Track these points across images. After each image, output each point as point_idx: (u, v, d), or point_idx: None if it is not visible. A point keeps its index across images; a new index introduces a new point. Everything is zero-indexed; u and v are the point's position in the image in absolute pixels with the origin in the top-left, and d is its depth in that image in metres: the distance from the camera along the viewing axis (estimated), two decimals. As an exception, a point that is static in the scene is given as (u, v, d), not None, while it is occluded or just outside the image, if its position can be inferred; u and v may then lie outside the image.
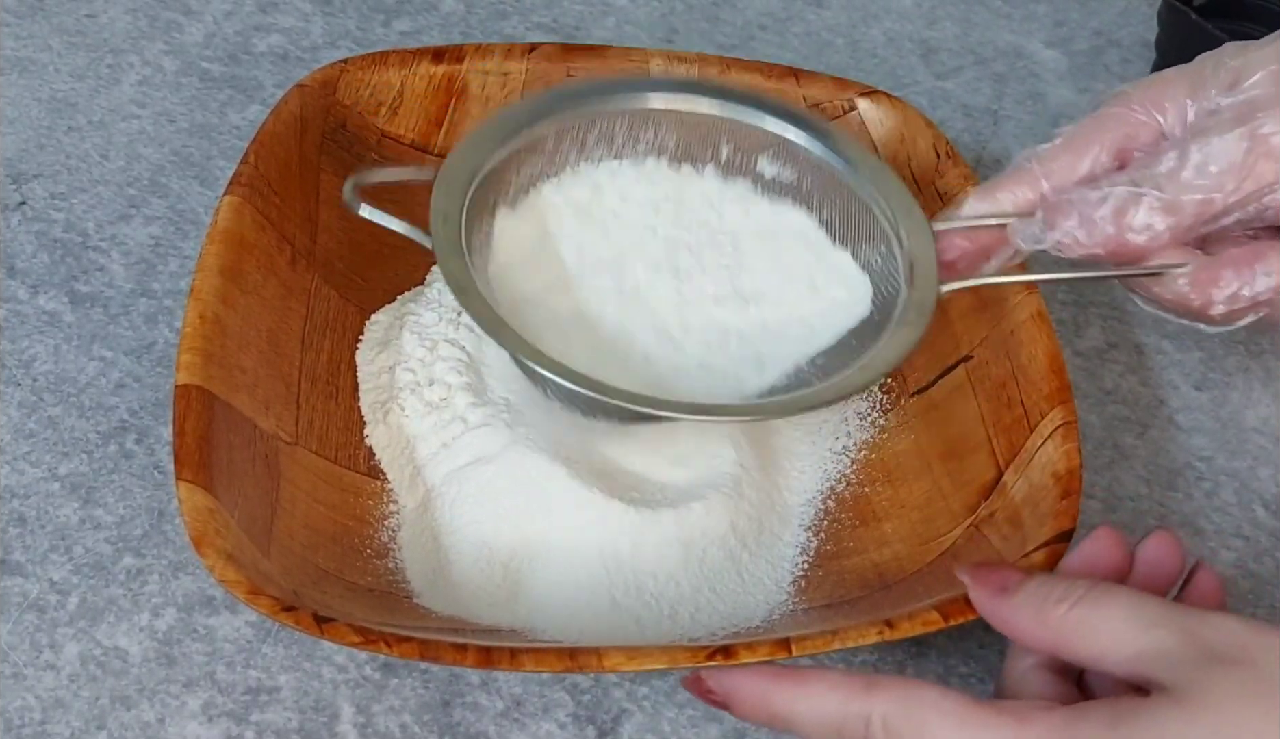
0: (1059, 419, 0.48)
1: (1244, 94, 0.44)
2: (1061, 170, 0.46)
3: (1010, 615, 0.40)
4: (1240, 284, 0.44)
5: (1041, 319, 0.51)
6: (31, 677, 0.46)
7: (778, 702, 0.40)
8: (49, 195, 0.61)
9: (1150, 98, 0.46)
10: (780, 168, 0.51)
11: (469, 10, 0.73)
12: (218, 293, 0.49)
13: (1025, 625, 0.39)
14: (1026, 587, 0.40)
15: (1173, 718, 0.35)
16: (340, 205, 0.46)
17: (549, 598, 0.47)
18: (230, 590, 0.41)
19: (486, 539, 0.49)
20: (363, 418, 0.53)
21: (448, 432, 0.51)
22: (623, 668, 0.41)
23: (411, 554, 0.49)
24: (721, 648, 0.41)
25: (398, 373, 0.53)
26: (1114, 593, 0.38)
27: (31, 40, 0.68)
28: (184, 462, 0.44)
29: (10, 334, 0.56)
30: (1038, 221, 0.46)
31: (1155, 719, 0.36)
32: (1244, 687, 0.35)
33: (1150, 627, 0.37)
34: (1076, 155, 0.46)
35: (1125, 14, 0.78)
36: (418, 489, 0.51)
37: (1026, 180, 0.47)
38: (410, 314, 0.55)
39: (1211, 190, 0.43)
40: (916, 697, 0.38)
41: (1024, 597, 0.40)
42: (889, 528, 0.51)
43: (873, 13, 0.77)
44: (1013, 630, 0.40)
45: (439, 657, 0.41)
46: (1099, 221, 0.44)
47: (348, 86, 0.58)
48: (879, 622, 0.42)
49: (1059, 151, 0.47)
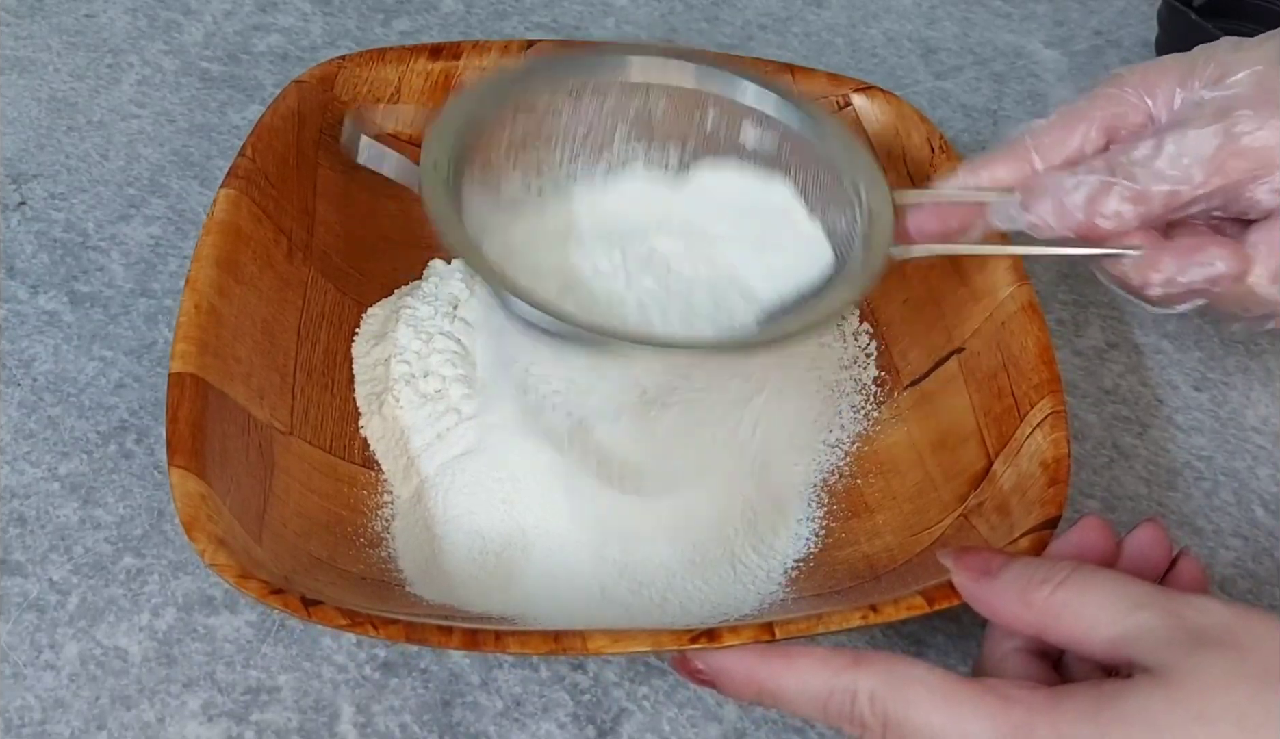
0: (1048, 409, 0.48)
1: (1227, 90, 0.45)
2: (1052, 145, 0.47)
3: (993, 598, 0.40)
4: (1177, 272, 0.45)
5: (1033, 310, 0.51)
6: (31, 677, 0.46)
7: (765, 678, 0.40)
8: (49, 195, 0.61)
9: (1143, 82, 0.47)
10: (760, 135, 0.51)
11: (469, 10, 0.73)
12: (213, 284, 0.49)
13: (1008, 608, 0.40)
14: (1010, 569, 0.40)
15: (1157, 699, 0.35)
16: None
17: (540, 587, 0.47)
18: (220, 574, 0.42)
19: (479, 529, 0.49)
20: (358, 409, 0.53)
21: (442, 423, 0.52)
22: (607, 651, 0.41)
23: (404, 543, 0.50)
24: (706, 631, 0.42)
25: (393, 365, 0.53)
26: (1098, 575, 0.39)
27: (31, 40, 0.68)
28: (176, 448, 0.44)
29: (10, 334, 0.56)
30: (1014, 203, 0.47)
31: (1139, 700, 0.35)
32: (1229, 668, 0.35)
33: (1135, 609, 0.37)
34: (1067, 132, 0.47)
35: (1125, 14, 0.78)
36: (411, 479, 0.51)
37: (1018, 153, 0.48)
38: (406, 307, 0.55)
39: (1180, 182, 0.44)
40: (903, 672, 0.38)
41: (1007, 579, 0.40)
42: (880, 519, 0.51)
43: (873, 12, 0.77)
44: (996, 613, 0.40)
45: (425, 639, 0.41)
46: (1071, 208, 0.45)
47: (345, 82, 0.58)
48: (863, 606, 0.43)
49: (1051, 127, 0.48)
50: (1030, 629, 0.40)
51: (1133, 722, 0.35)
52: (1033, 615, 0.39)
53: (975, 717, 0.37)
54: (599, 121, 0.51)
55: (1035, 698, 0.37)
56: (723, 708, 0.47)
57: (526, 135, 0.50)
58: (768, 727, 0.47)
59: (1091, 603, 0.38)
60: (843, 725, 0.39)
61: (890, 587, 0.47)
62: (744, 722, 0.47)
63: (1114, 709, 0.36)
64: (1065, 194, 0.45)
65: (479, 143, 0.49)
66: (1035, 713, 0.36)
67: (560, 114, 0.50)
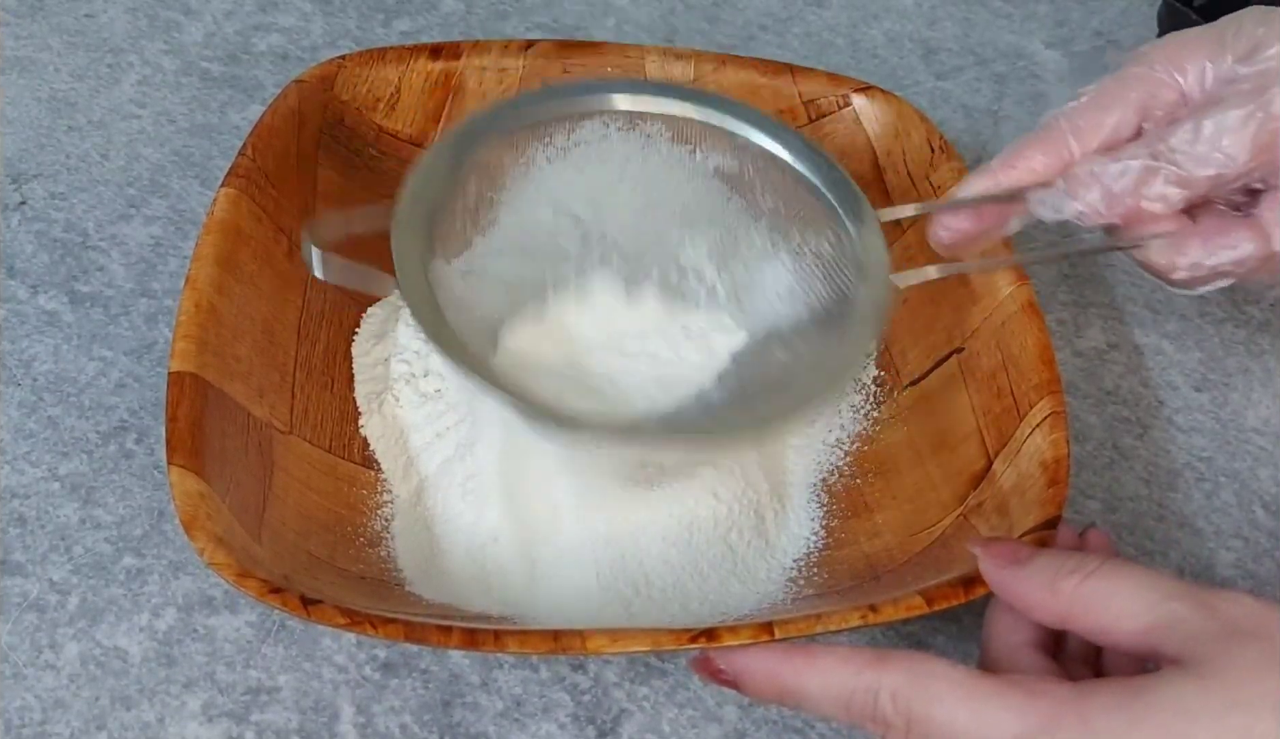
0: (1048, 409, 0.48)
1: (1260, 65, 0.45)
2: (1089, 129, 0.47)
3: (1021, 587, 0.40)
4: (1204, 255, 0.45)
5: (1032, 310, 0.51)
6: (31, 677, 0.46)
7: (787, 677, 0.39)
8: (49, 195, 0.61)
9: (1172, 58, 0.47)
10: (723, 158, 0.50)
11: (469, 10, 0.73)
12: (213, 282, 0.49)
13: (1036, 597, 0.39)
14: (1038, 559, 0.40)
15: (1190, 688, 0.35)
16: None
17: (540, 586, 0.47)
18: (219, 573, 0.42)
19: (479, 528, 0.49)
20: (358, 408, 0.53)
21: (441, 422, 0.52)
22: (606, 651, 0.41)
23: (404, 542, 0.50)
24: (705, 631, 0.42)
25: (393, 364, 0.53)
26: (1128, 567, 0.38)
27: (31, 40, 0.68)
28: (176, 447, 0.44)
29: (10, 334, 0.56)
30: (1058, 193, 0.46)
31: (1171, 690, 0.35)
32: (1263, 658, 0.35)
33: (1166, 599, 0.37)
34: (1103, 113, 0.47)
35: (1125, 14, 0.78)
36: (411, 478, 0.51)
37: (1054, 139, 0.47)
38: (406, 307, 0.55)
39: (1224, 165, 0.44)
40: (925, 669, 0.38)
41: (1035, 568, 0.39)
42: (880, 519, 0.51)
43: (873, 13, 0.77)
44: (1023, 601, 0.40)
45: (424, 638, 0.41)
46: (1120, 193, 0.45)
47: (345, 82, 0.58)
48: (862, 606, 0.43)
49: (1086, 110, 0.47)
50: (1057, 619, 0.39)
51: (1165, 711, 0.35)
52: (1061, 604, 0.39)
53: (1001, 711, 0.36)
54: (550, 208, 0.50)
55: (1062, 691, 0.36)
56: (723, 708, 0.47)
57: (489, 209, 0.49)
58: (768, 727, 0.47)
59: (1122, 593, 0.38)
60: (866, 725, 0.38)
61: (889, 587, 0.47)
62: (744, 722, 0.47)
63: (1145, 699, 0.35)
64: (1112, 180, 0.45)
65: (450, 221, 0.47)
66: (1063, 705, 0.36)
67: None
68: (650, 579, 0.48)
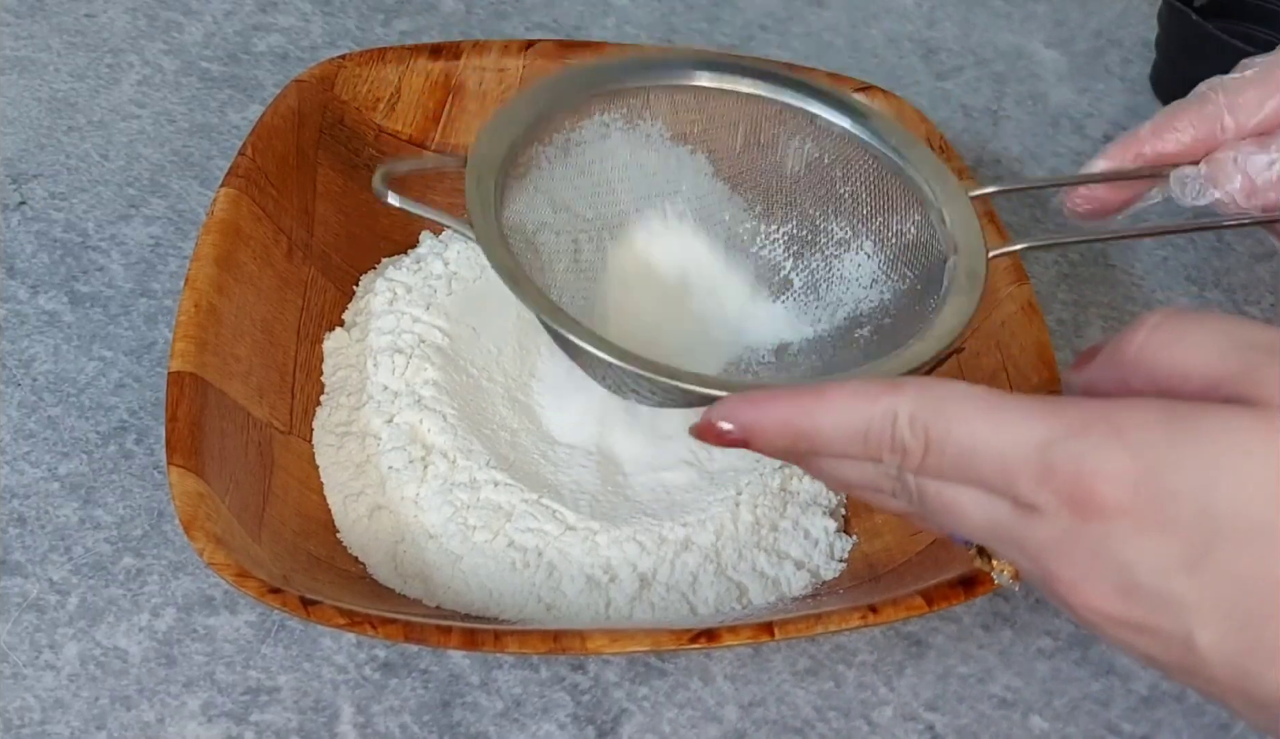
0: None
1: None
2: (1247, 105, 0.45)
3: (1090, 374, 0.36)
4: None
5: (1032, 310, 0.51)
6: (31, 677, 0.46)
7: (800, 421, 0.36)
8: (49, 195, 0.61)
9: None
10: (805, 144, 0.50)
11: (469, 10, 0.73)
12: (213, 282, 0.49)
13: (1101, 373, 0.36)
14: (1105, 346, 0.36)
15: (1250, 422, 0.31)
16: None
17: (540, 586, 0.47)
18: (218, 573, 0.42)
19: (478, 527, 0.49)
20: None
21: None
22: (606, 651, 0.41)
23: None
24: (705, 631, 0.42)
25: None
26: (1197, 315, 0.34)
27: (31, 40, 0.68)
28: (175, 447, 0.44)
29: (10, 334, 0.56)
30: (1198, 179, 0.45)
31: (1226, 421, 0.31)
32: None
33: (1247, 348, 0.33)
34: (1265, 92, 0.45)
35: (1125, 14, 0.78)
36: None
37: (1207, 112, 0.46)
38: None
39: None
40: (943, 389, 0.35)
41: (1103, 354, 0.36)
42: (880, 519, 0.51)
43: (873, 13, 0.77)
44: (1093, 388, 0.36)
45: (424, 639, 0.41)
46: (1263, 186, 0.44)
47: (345, 82, 0.58)
48: (862, 606, 0.43)
49: (1246, 85, 0.46)
50: (1118, 384, 0.35)
51: (1213, 438, 0.31)
52: (1122, 372, 0.35)
53: (1024, 419, 0.33)
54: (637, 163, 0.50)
55: (1088, 406, 0.33)
56: (723, 708, 0.47)
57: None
58: (768, 727, 0.47)
59: (1193, 345, 0.34)
60: (883, 456, 0.35)
61: (889, 587, 0.47)
62: (744, 722, 0.47)
63: (1190, 420, 0.32)
64: (1258, 171, 0.44)
65: (518, 169, 0.47)
66: (1093, 413, 0.32)
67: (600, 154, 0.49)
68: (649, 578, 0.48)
